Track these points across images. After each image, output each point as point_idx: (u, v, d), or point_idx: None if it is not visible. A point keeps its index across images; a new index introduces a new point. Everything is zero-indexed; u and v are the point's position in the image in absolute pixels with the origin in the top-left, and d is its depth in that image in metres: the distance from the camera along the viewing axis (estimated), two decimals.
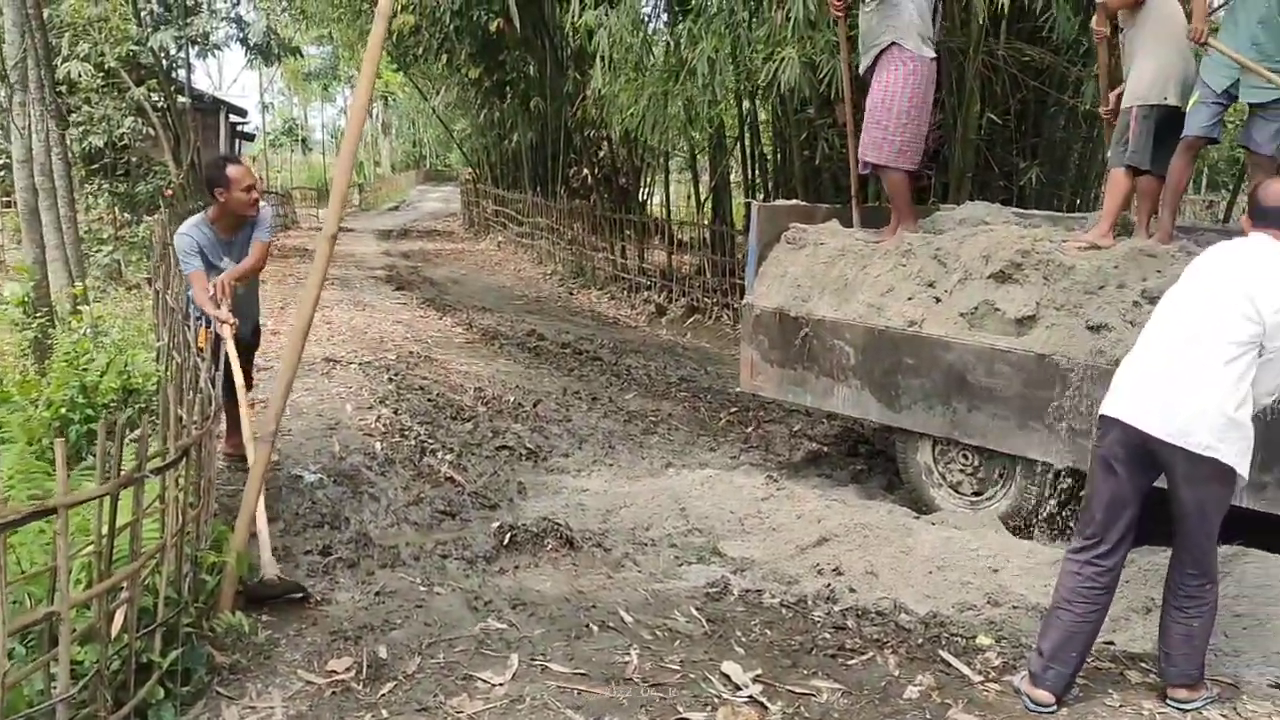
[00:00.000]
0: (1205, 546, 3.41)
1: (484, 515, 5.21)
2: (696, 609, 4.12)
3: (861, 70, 6.18)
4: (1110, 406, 3.47)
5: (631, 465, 6.39)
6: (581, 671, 3.50)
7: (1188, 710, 3.45)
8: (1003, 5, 7.29)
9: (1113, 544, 3.45)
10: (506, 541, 4.74)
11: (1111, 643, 4.00)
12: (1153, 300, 4.81)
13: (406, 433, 6.28)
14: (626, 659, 3.62)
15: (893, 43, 5.88)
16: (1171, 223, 5.52)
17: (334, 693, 3.29)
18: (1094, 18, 5.77)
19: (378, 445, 5.98)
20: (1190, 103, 5.35)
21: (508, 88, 14.74)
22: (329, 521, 4.89)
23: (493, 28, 12.03)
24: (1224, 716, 3.43)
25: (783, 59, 7.70)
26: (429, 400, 7.05)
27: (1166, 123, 5.46)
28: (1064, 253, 5.16)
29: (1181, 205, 6.61)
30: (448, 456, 5.97)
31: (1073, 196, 9.54)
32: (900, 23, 5.83)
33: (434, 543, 4.74)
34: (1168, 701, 3.48)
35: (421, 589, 4.18)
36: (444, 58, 13.68)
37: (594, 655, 3.64)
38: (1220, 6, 7.68)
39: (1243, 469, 3.31)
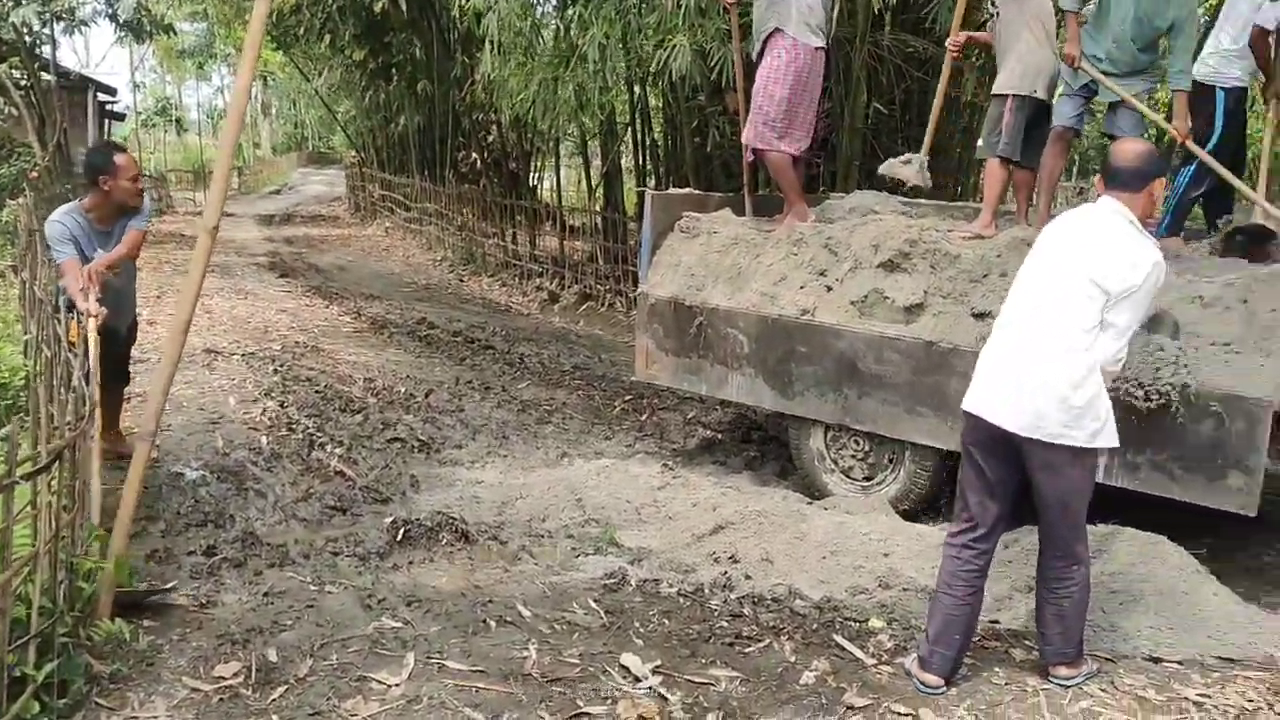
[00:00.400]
0: (1068, 531, 3.48)
1: (376, 510, 5.09)
2: (594, 601, 4.10)
3: (754, 57, 6.22)
4: (968, 400, 3.55)
5: (526, 456, 6.33)
6: (479, 669, 3.46)
7: (1068, 686, 3.57)
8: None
9: (988, 528, 3.54)
10: (400, 537, 4.64)
11: (997, 621, 4.11)
12: None
13: (294, 426, 6.11)
14: (525, 654, 3.58)
15: (776, 29, 5.92)
16: (1048, 211, 5.73)
17: (221, 699, 3.18)
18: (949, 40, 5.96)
19: (263, 440, 5.80)
20: (1056, 95, 5.58)
21: (394, 70, 14.42)
22: (213, 520, 4.72)
23: (377, 9, 11.73)
24: (1103, 690, 3.56)
25: (674, 46, 7.70)
26: (316, 392, 6.87)
27: (1035, 115, 5.67)
28: (950, 242, 5.29)
29: (1056, 193, 6.85)
30: (337, 450, 5.83)
31: (955, 185, 9.80)
32: (786, 10, 5.88)
33: (324, 540, 4.62)
34: (1050, 678, 3.60)
35: (312, 588, 4.07)
36: (327, 38, 13.29)
37: (492, 651, 3.60)
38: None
39: (1104, 441, 3.37)
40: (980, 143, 5.91)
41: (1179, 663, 3.79)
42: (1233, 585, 4.38)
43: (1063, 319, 3.35)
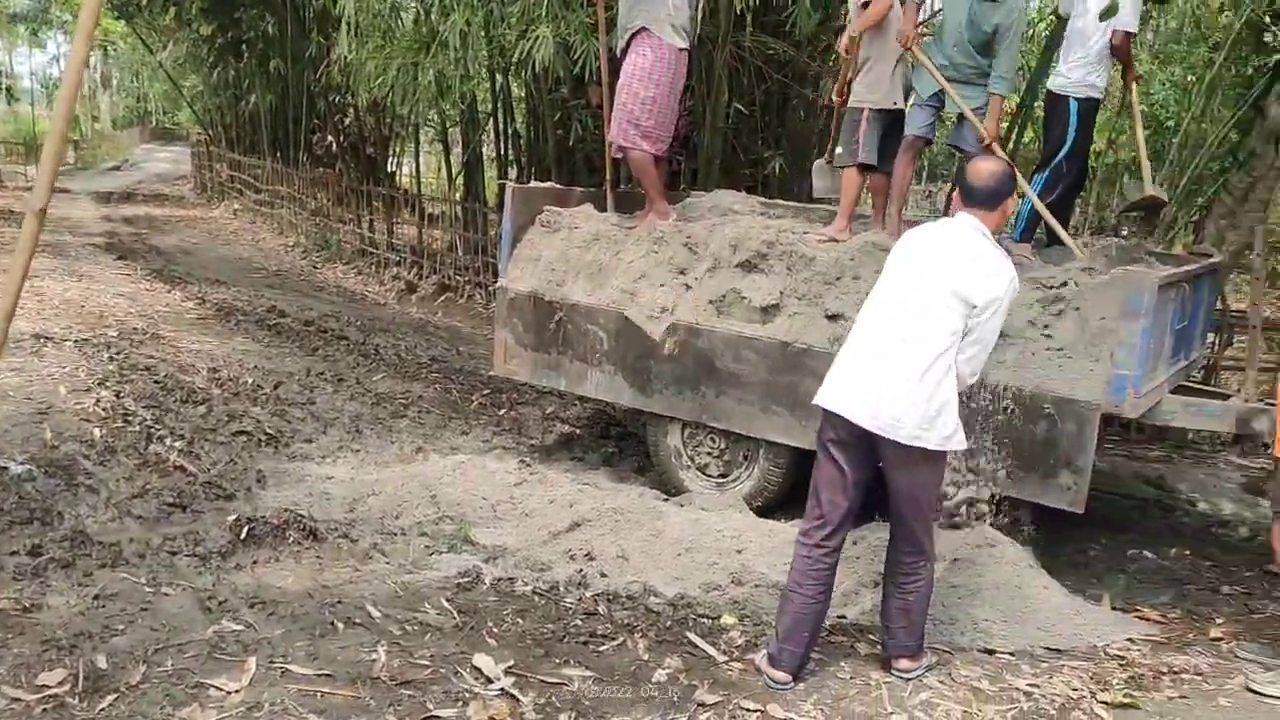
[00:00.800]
0: (919, 527, 3.64)
1: (219, 507, 4.89)
2: (447, 600, 4.04)
3: (618, 53, 6.21)
4: (825, 398, 3.63)
5: (380, 450, 6.19)
6: (325, 672, 3.36)
7: (909, 679, 3.69)
8: (743, 2, 7.53)
9: (837, 525, 3.64)
10: (244, 535, 4.48)
11: (844, 616, 4.23)
12: None
13: (130, 418, 5.80)
14: (374, 656, 3.50)
15: (643, 28, 5.94)
16: (899, 217, 5.91)
17: (45, 709, 3.01)
18: (841, 41, 6.05)
19: (96, 432, 5.49)
20: (910, 104, 5.78)
21: (244, 46, 13.86)
22: (39, 518, 4.43)
23: None
24: (941, 682, 3.70)
25: (537, 37, 7.63)
26: (156, 382, 6.55)
27: (891, 123, 5.87)
28: (806, 245, 5.40)
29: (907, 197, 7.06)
30: (177, 443, 5.57)
31: (812, 186, 10.00)
32: (654, 10, 5.90)
33: (162, 538, 4.41)
34: (892, 671, 3.72)
35: (147, 590, 3.88)
36: (172, 10, 12.66)
37: (339, 654, 3.50)
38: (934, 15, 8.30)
39: (955, 445, 3.52)
40: (839, 150, 6.05)
41: (1011, 654, 3.98)
42: (1061, 579, 4.63)
43: (924, 327, 3.47)
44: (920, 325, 3.48)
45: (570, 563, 4.61)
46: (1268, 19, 8.49)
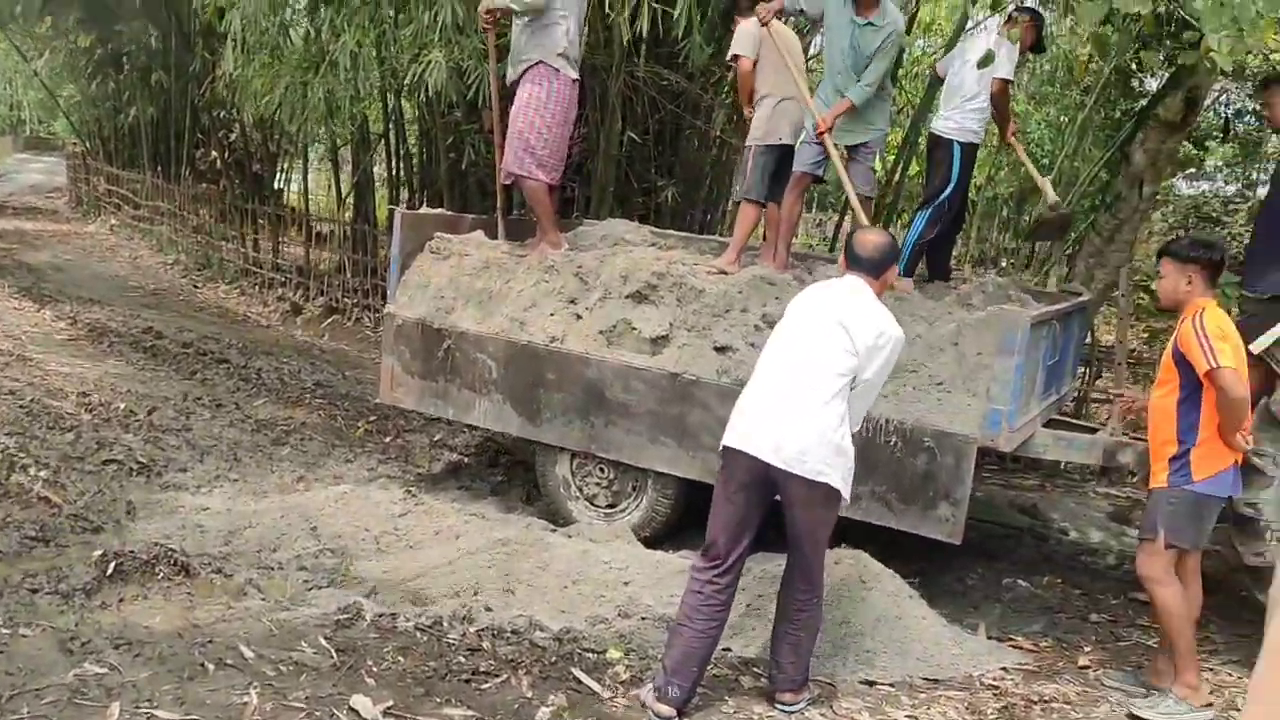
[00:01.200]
0: (816, 563, 3.73)
1: (85, 541, 4.66)
2: (325, 638, 3.93)
3: (508, 81, 6.19)
4: (730, 437, 3.71)
5: (259, 480, 6.01)
6: (193, 717, 3.24)
7: (791, 712, 3.74)
8: (641, 29, 7.57)
9: (731, 562, 3.68)
10: (110, 571, 4.27)
11: (729, 649, 4.25)
12: (771, 324, 5.20)
13: None
14: (245, 699, 3.38)
15: (540, 61, 5.93)
16: (786, 252, 6.01)
17: None
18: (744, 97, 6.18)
19: None
20: (799, 142, 5.90)
21: (125, 59, 13.40)
22: None
23: None
24: (822, 715, 3.75)
25: (429, 61, 7.56)
26: (21, 406, 6.25)
27: (784, 157, 5.98)
28: (696, 277, 5.44)
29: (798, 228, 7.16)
30: (42, 473, 5.31)
31: (704, 215, 10.13)
32: (549, 43, 5.90)
33: (21, 574, 4.17)
34: (776, 705, 3.76)
35: (4, 630, 3.68)
36: (49, 20, 12.16)
37: (209, 698, 3.37)
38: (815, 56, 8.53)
39: (846, 491, 3.66)
40: (735, 186, 6.17)
41: (891, 685, 4.05)
42: (939, 608, 4.73)
43: (824, 370, 3.61)
44: (818, 368, 3.62)
45: (455, 597, 4.54)
46: (1134, 66, 8.92)
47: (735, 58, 6.04)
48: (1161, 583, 4.08)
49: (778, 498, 3.66)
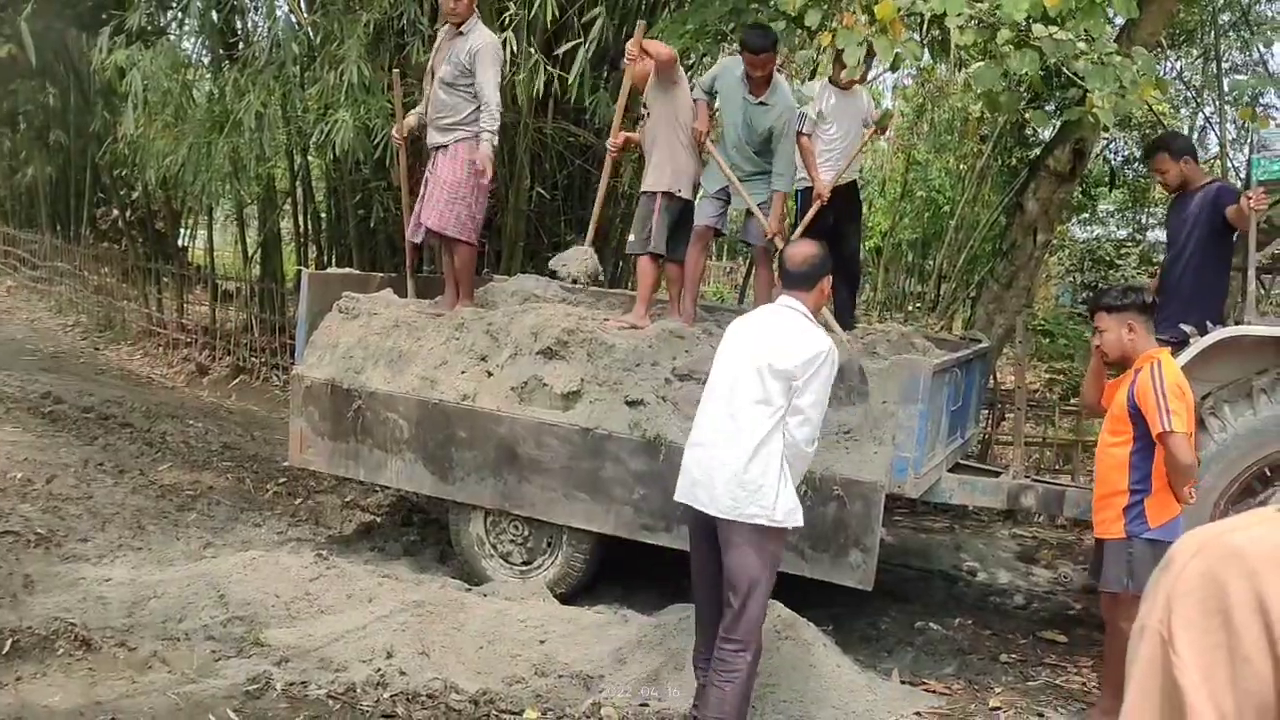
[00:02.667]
0: (742, 613, 3.60)
1: None
2: (234, 711, 3.85)
3: (433, 144, 6.15)
4: (677, 490, 3.76)
5: (165, 548, 5.84)
6: None
7: None
8: (539, 90, 7.69)
9: (712, 618, 3.70)
10: (6, 649, 4.13)
11: (646, 705, 4.25)
12: (681, 377, 5.28)
13: None
14: None
15: (477, 133, 5.95)
16: (693, 305, 6.10)
17: None
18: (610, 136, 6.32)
19: None
20: (698, 196, 6.03)
21: (20, 117, 13.12)
22: None
23: (1, 53, 10.65)
24: None
25: (336, 121, 7.55)
26: None
27: (682, 212, 6.08)
28: (605, 332, 5.49)
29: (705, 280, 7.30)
30: None
31: (614, 268, 10.22)
32: (481, 122, 5.93)
33: None
34: None
35: None
36: None
37: None
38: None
39: (790, 520, 3.60)
40: (631, 238, 6.22)
41: None
42: (854, 653, 4.81)
43: (746, 403, 3.60)
44: (742, 402, 3.62)
45: (368, 662, 4.46)
46: (1025, 116, 9.28)
47: (628, 59, 5.94)
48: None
49: None
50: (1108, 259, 14.66)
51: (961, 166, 15.37)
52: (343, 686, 4.16)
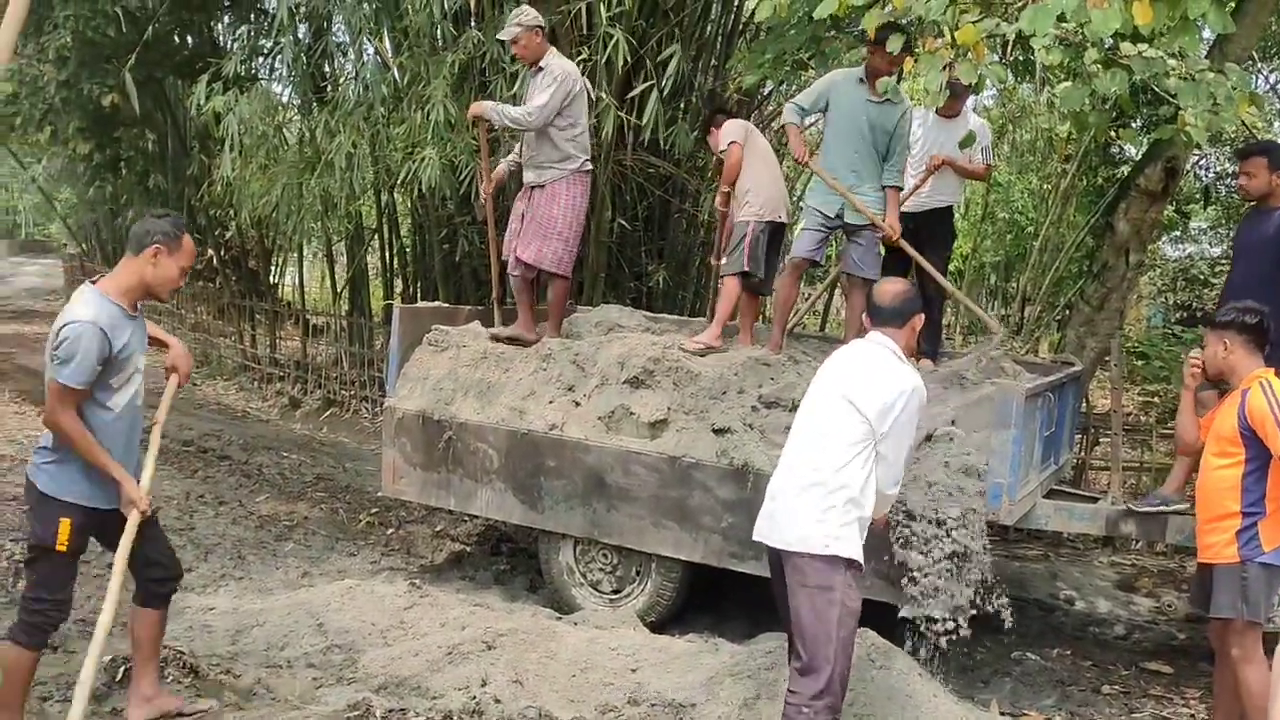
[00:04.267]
0: (810, 656, 3.50)
1: None
2: None
3: (530, 182, 6.26)
4: (755, 529, 3.74)
5: (264, 577, 6.00)
6: None
7: None
8: (622, 121, 7.81)
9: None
10: (120, 675, 4.28)
11: None
12: (768, 405, 5.28)
13: None
14: None
15: (579, 169, 6.10)
16: (781, 334, 6.09)
17: None
18: (717, 199, 6.36)
19: None
20: (799, 228, 6.02)
21: (123, 164, 13.68)
22: None
23: (106, 102, 11.11)
24: None
25: (423, 158, 7.74)
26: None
27: (772, 239, 6.10)
28: (690, 361, 5.51)
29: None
30: None
31: (695, 297, 10.26)
32: (585, 140, 6.08)
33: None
34: None
35: None
36: (48, 130, 12.44)
37: None
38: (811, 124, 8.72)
39: (839, 549, 3.49)
40: (723, 261, 6.25)
41: None
42: (949, 685, 4.71)
43: (826, 439, 3.58)
44: (822, 437, 3.59)
45: (463, 689, 4.51)
46: (1114, 134, 9.11)
47: (731, 145, 6.10)
48: (1250, 661, 4.00)
49: None
50: (1201, 277, 14.26)
51: (1045, 187, 15.10)
52: (440, 713, 4.21)
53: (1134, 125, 7.37)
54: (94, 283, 3.80)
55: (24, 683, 3.73)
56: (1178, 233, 15.42)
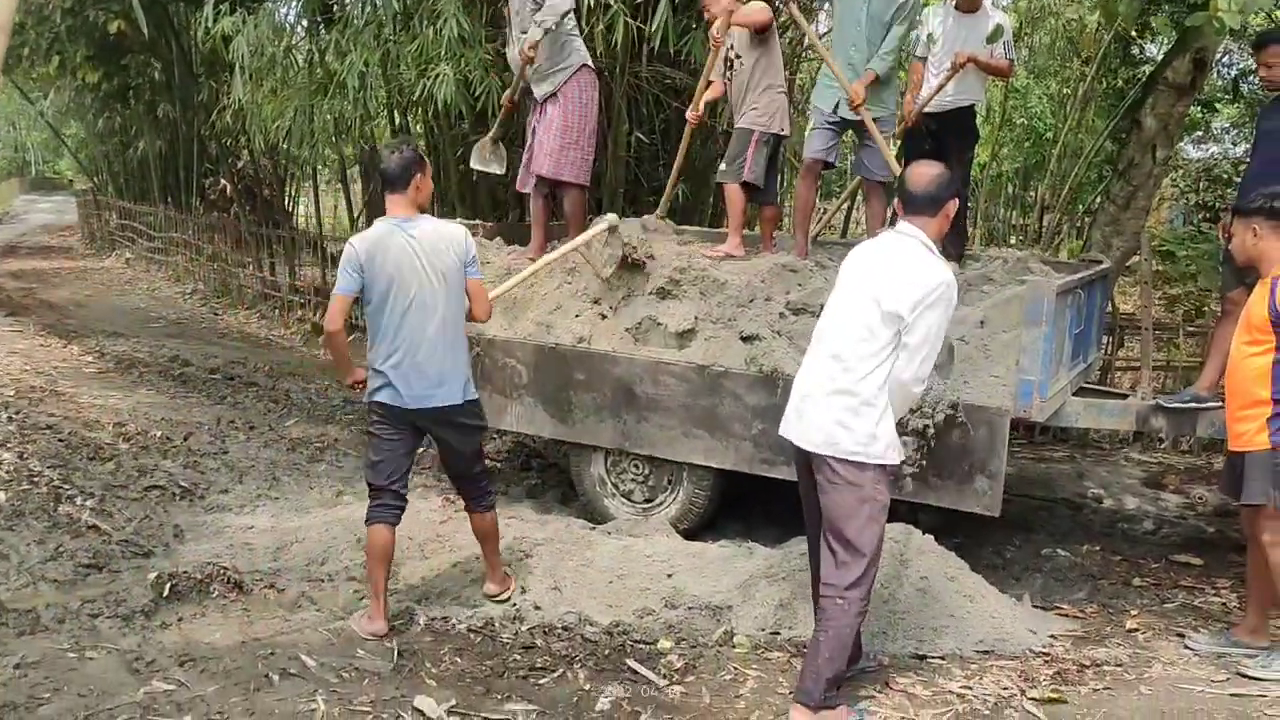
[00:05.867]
0: (840, 555, 3.46)
1: (137, 565, 4.75)
2: (383, 644, 4.00)
3: (542, 94, 6.21)
4: (781, 425, 3.69)
5: (300, 497, 6.08)
6: None
7: None
8: (635, 32, 7.66)
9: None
10: (166, 592, 4.37)
11: (777, 633, 4.30)
12: (796, 311, 5.26)
13: (36, 479, 5.60)
14: (313, 706, 3.47)
15: (583, 64, 6.03)
16: (805, 238, 6.05)
17: None
18: (715, 25, 6.01)
19: (1, 496, 5.30)
20: (808, 128, 5.95)
21: (131, 93, 13.55)
22: None
23: (112, 29, 10.97)
24: (878, 691, 3.79)
25: (437, 75, 7.63)
26: (60, 440, 6.33)
27: (773, 150, 6.04)
28: (717, 269, 5.49)
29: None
30: (89, 502, 5.40)
31: (715, 209, 10.17)
32: (577, 45, 6.01)
33: (80, 601, 4.26)
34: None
35: (71, 655, 3.77)
36: (55, 60, 12.29)
37: (277, 707, 3.46)
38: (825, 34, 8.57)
39: (874, 456, 3.43)
40: (723, 167, 6.16)
41: (942, 658, 4.08)
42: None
43: (850, 340, 3.47)
44: (846, 338, 3.48)
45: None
46: (1135, 33, 8.91)
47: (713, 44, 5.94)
48: (1278, 546, 4.02)
49: None
50: (1225, 177, 14.03)
51: (1064, 91, 14.82)
52: (482, 620, 4.30)
53: (1164, 11, 7.15)
54: None
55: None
56: (1200, 133, 15.16)
